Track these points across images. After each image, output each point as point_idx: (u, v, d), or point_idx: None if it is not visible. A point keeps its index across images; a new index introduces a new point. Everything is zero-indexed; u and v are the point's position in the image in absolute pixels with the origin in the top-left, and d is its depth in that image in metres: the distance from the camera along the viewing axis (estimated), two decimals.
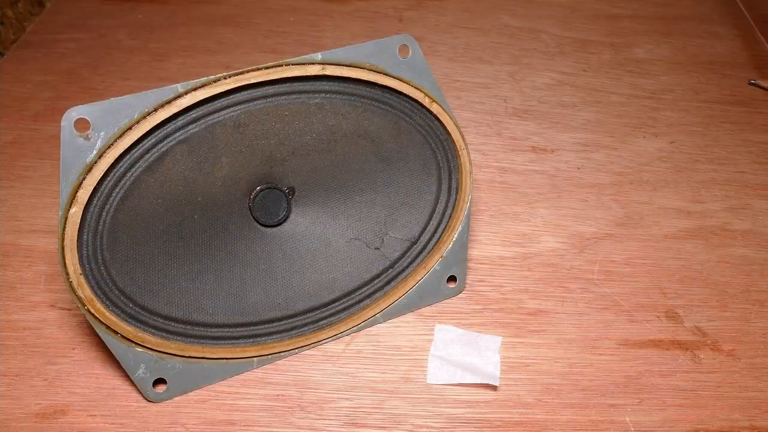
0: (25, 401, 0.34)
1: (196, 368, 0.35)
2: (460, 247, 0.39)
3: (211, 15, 0.64)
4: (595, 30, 0.64)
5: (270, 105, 0.32)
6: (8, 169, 0.47)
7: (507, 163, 0.50)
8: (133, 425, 0.34)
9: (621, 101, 0.56)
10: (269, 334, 0.36)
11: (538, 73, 0.59)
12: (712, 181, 0.49)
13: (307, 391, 0.35)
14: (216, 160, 0.32)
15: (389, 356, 0.37)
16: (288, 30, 0.62)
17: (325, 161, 0.35)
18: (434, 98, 0.35)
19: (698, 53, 0.62)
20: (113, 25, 0.62)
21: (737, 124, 0.54)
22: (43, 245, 0.42)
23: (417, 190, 0.38)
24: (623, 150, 0.51)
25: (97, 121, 0.29)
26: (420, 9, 0.66)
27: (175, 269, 0.33)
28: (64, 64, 0.57)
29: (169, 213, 0.32)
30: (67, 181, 0.29)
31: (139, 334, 0.33)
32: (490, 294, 0.41)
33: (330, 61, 0.33)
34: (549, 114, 0.54)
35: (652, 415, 0.35)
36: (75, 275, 0.30)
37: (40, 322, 0.38)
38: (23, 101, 0.53)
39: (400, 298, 0.39)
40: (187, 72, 0.57)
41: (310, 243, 0.36)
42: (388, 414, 0.35)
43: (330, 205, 0.36)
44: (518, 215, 0.46)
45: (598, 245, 0.44)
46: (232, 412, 0.34)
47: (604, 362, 0.37)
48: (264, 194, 0.34)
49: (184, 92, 0.30)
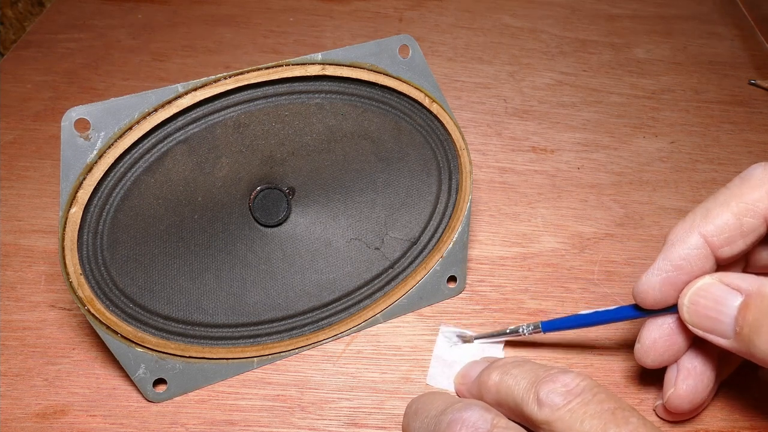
0: (26, 401, 0.34)
1: (196, 368, 0.35)
2: (461, 247, 0.39)
3: (211, 15, 0.64)
4: (595, 30, 0.64)
5: (270, 105, 0.32)
6: (8, 169, 0.47)
7: (507, 163, 0.50)
8: (133, 425, 0.34)
9: (621, 101, 0.56)
10: (269, 335, 0.36)
11: (538, 73, 0.59)
12: (712, 181, 0.49)
13: (307, 391, 0.35)
14: (216, 161, 0.32)
15: (389, 356, 0.37)
16: (288, 30, 0.62)
17: (325, 161, 0.35)
18: (434, 98, 0.35)
19: (698, 53, 0.62)
20: (113, 25, 0.62)
21: (737, 124, 0.54)
22: (43, 245, 0.42)
23: (417, 191, 0.38)
24: (623, 150, 0.51)
25: (97, 121, 0.29)
26: (420, 9, 0.66)
27: (175, 269, 0.33)
28: (64, 64, 0.57)
29: (169, 213, 0.32)
30: (67, 181, 0.29)
31: (139, 334, 0.33)
32: (490, 294, 0.41)
33: (330, 61, 0.33)
34: (549, 114, 0.54)
35: (652, 415, 0.35)
36: (75, 275, 0.30)
37: (40, 322, 0.38)
38: (23, 101, 0.53)
39: (400, 298, 0.39)
40: (187, 72, 0.57)
41: (310, 243, 0.36)
42: (389, 414, 0.35)
43: (330, 206, 0.37)
44: (518, 215, 0.46)
45: (598, 245, 0.44)
46: (232, 412, 0.34)
47: (605, 362, 0.37)
48: (264, 194, 0.34)
49: (184, 92, 0.30)
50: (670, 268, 0.29)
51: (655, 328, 0.31)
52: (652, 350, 0.31)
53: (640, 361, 0.32)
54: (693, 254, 0.29)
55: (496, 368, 0.30)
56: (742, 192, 0.29)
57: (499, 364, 0.30)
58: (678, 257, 0.29)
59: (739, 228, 0.29)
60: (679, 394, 0.32)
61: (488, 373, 0.30)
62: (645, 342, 0.32)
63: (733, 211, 0.29)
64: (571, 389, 0.26)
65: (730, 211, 0.29)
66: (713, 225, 0.29)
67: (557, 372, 0.27)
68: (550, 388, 0.27)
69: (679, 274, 0.29)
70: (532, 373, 0.28)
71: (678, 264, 0.29)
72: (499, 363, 0.30)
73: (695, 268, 0.29)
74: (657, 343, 0.31)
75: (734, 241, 0.29)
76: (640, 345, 0.32)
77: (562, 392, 0.26)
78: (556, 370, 0.28)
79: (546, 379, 0.27)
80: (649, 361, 0.32)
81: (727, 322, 0.27)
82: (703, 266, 0.29)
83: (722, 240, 0.29)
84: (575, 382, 0.27)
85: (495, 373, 0.30)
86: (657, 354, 0.31)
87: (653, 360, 0.32)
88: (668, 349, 0.31)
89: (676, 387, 0.32)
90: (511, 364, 0.30)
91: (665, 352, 0.31)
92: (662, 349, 0.31)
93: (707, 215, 0.29)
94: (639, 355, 0.32)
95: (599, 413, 0.25)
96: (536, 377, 0.28)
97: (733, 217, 0.29)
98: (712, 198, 0.30)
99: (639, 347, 0.32)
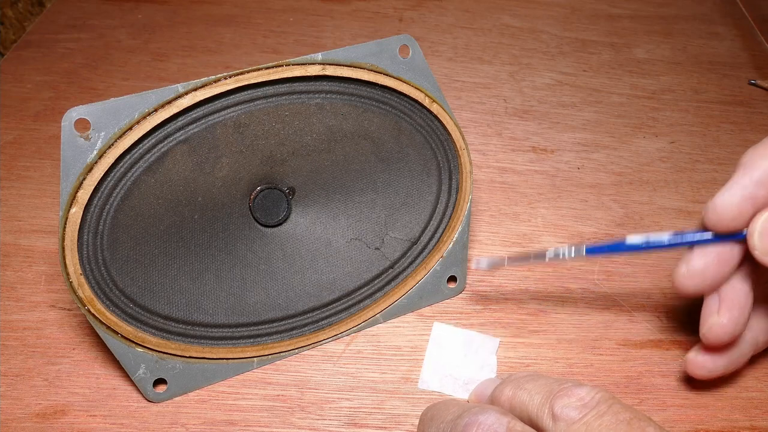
0: (26, 401, 0.34)
1: (196, 368, 0.35)
2: (461, 247, 0.39)
3: (211, 15, 0.64)
4: (595, 30, 0.64)
5: (270, 105, 0.32)
6: (8, 169, 0.47)
7: (507, 163, 0.50)
8: (133, 425, 0.34)
9: (621, 101, 0.56)
10: (269, 335, 0.36)
11: (538, 73, 0.59)
12: (712, 181, 0.49)
13: (307, 391, 0.35)
14: (216, 161, 0.32)
15: (389, 356, 0.37)
16: (288, 30, 0.62)
17: (325, 161, 0.35)
18: (434, 98, 0.35)
19: (698, 53, 0.62)
20: (113, 25, 0.62)
21: (737, 124, 0.54)
22: (43, 245, 0.42)
23: (417, 191, 0.38)
24: (623, 150, 0.51)
25: (97, 121, 0.29)
26: (420, 9, 0.66)
27: (175, 269, 0.33)
28: (64, 64, 0.57)
29: (170, 213, 0.32)
30: (67, 181, 0.29)
31: (140, 334, 0.33)
32: (490, 294, 0.41)
33: (330, 61, 0.33)
34: (549, 114, 0.54)
35: (652, 415, 0.35)
36: (75, 275, 0.30)
37: (40, 322, 0.38)
38: (23, 101, 0.53)
39: (400, 298, 0.39)
40: (187, 72, 0.57)
41: (310, 243, 0.36)
42: (389, 414, 0.35)
43: (330, 206, 0.37)
44: (518, 215, 0.46)
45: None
46: (232, 412, 0.34)
47: (605, 362, 0.37)
48: (264, 194, 0.34)
49: (184, 92, 0.30)
50: (750, 183, 0.29)
51: (705, 254, 0.31)
52: (699, 276, 0.31)
53: (682, 286, 0.31)
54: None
55: (510, 384, 0.30)
56: None
57: (513, 380, 0.30)
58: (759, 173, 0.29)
59: None
60: (723, 323, 0.31)
61: (501, 389, 0.30)
62: (695, 267, 0.31)
63: None
64: (586, 402, 0.26)
65: None
66: None
67: (571, 385, 0.27)
68: (564, 403, 0.26)
69: (759, 189, 0.29)
70: (546, 387, 0.28)
71: (759, 179, 0.29)
72: (513, 378, 0.30)
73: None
74: (708, 269, 0.31)
75: None
76: (687, 270, 0.31)
77: (577, 406, 0.26)
78: (571, 384, 0.27)
79: (560, 393, 0.27)
80: (692, 287, 0.31)
81: None
82: None
83: None
84: (590, 395, 0.26)
85: (508, 388, 0.29)
86: (703, 280, 0.31)
87: (696, 286, 0.31)
88: (715, 277, 0.31)
89: (720, 315, 0.31)
90: (524, 379, 0.29)
91: (712, 280, 0.31)
92: (711, 276, 0.31)
93: None
94: (683, 280, 0.31)
95: (615, 424, 0.25)
96: (550, 392, 0.27)
97: None
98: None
99: (685, 272, 0.31)
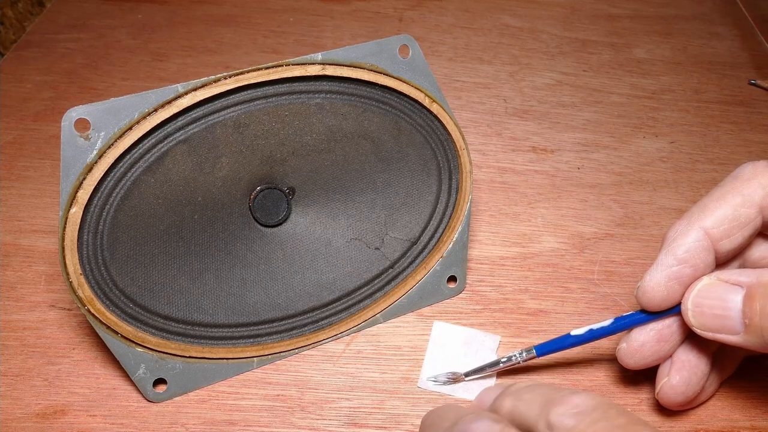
0: (26, 401, 0.34)
1: (196, 368, 0.35)
2: (461, 247, 0.39)
3: (211, 15, 0.64)
4: (595, 30, 0.64)
5: (270, 105, 0.32)
6: (8, 169, 0.47)
7: (507, 163, 0.50)
8: (133, 425, 0.34)
9: (621, 101, 0.56)
10: (269, 335, 0.36)
11: (538, 73, 0.59)
12: (712, 181, 0.49)
13: (307, 391, 0.35)
14: (216, 160, 0.32)
15: (389, 356, 0.37)
16: (288, 30, 0.62)
17: (325, 161, 0.35)
18: (434, 98, 0.35)
19: (698, 53, 0.62)
20: (113, 25, 0.62)
21: (737, 124, 0.54)
22: (43, 245, 0.42)
23: (417, 191, 0.38)
24: (623, 150, 0.51)
25: (97, 121, 0.29)
26: (420, 9, 0.66)
27: (175, 269, 0.33)
28: (64, 64, 0.57)
29: (169, 213, 0.32)
30: (67, 181, 0.29)
31: (139, 334, 0.33)
32: (490, 294, 0.41)
33: (330, 61, 0.33)
34: (549, 114, 0.54)
35: (652, 415, 0.35)
36: (75, 275, 0.30)
37: (40, 322, 0.38)
38: (23, 101, 0.53)
39: (400, 298, 0.39)
40: (187, 72, 0.57)
41: (310, 243, 0.36)
42: (388, 414, 0.35)
43: (330, 206, 0.37)
44: (518, 215, 0.46)
45: (598, 245, 0.44)
46: (232, 412, 0.34)
47: (604, 362, 0.37)
48: (264, 194, 0.34)
49: (184, 92, 0.30)
50: (674, 262, 0.30)
51: (644, 332, 0.32)
52: (638, 353, 0.32)
53: (623, 362, 0.33)
54: (695, 246, 0.30)
55: (509, 395, 0.30)
56: (735, 186, 0.30)
57: (512, 391, 0.30)
58: (681, 251, 0.30)
59: (737, 219, 0.30)
60: (673, 385, 0.32)
61: (501, 402, 0.30)
62: (633, 344, 0.32)
63: (730, 204, 0.30)
64: (581, 410, 0.26)
65: (726, 203, 0.30)
66: (712, 218, 0.30)
67: (567, 393, 0.27)
68: (560, 411, 0.26)
69: (683, 268, 0.30)
70: (543, 397, 0.28)
71: (682, 257, 0.30)
72: (512, 389, 0.30)
73: (699, 261, 0.30)
74: (645, 346, 0.32)
75: (732, 234, 0.30)
76: (627, 346, 0.32)
77: (572, 414, 0.26)
78: (567, 392, 0.27)
79: (556, 401, 0.27)
80: (632, 363, 0.32)
81: (734, 317, 0.28)
82: (706, 259, 0.30)
83: (721, 232, 0.30)
84: (586, 403, 0.26)
85: (507, 400, 0.29)
86: (642, 356, 0.32)
87: (636, 362, 0.32)
88: (654, 353, 0.32)
89: (670, 377, 0.32)
90: (523, 390, 0.29)
91: (650, 356, 0.32)
92: (649, 352, 0.32)
93: (704, 210, 0.30)
94: (622, 355, 0.33)
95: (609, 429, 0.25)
96: (547, 401, 0.27)
97: (731, 209, 0.30)
98: (707, 196, 0.31)
99: (625, 348, 0.32)
